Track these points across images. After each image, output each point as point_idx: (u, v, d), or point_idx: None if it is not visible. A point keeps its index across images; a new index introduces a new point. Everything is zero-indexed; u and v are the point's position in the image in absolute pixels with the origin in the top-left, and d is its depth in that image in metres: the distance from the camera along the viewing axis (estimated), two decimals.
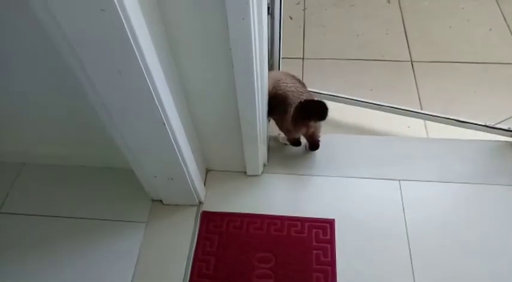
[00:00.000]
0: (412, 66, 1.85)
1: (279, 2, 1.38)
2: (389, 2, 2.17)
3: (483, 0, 2.14)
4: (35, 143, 1.40)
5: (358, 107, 1.61)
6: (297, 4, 2.18)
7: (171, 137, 0.97)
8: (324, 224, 1.26)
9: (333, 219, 1.27)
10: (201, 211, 1.32)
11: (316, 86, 1.64)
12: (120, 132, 0.98)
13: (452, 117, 1.51)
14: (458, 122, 1.50)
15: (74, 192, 1.40)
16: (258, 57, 0.93)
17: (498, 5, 2.10)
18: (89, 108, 0.97)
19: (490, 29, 1.99)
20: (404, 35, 2.00)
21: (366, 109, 1.60)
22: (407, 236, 1.24)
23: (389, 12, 2.12)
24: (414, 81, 1.78)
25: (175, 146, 1.01)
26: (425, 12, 2.11)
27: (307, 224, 1.26)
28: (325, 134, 1.55)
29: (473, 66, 1.83)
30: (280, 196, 1.36)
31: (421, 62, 1.87)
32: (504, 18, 2.02)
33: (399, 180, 1.37)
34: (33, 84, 1.12)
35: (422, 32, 2.00)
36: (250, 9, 0.78)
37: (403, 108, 1.57)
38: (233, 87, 1.00)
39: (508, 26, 1.99)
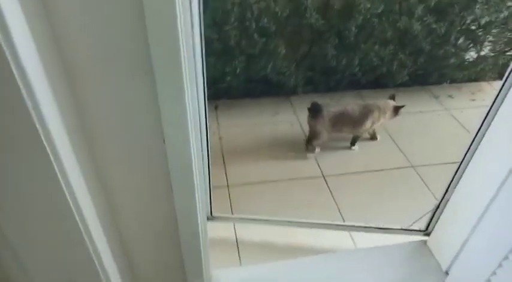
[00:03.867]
0: (326, 181, 2.05)
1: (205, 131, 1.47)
2: (292, 125, 2.47)
3: None
4: None
5: (287, 228, 1.69)
6: (213, 135, 2.34)
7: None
8: None
9: None
10: None
11: (246, 211, 1.70)
12: None
13: (372, 226, 1.66)
14: (379, 229, 1.65)
15: None
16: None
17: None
18: None
19: (377, 140, 2.36)
20: (311, 152, 2.24)
21: (294, 229, 1.68)
22: None
23: (293, 134, 2.40)
24: (331, 195, 1.95)
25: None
26: None
27: None
28: (258, 264, 1.56)
29: (376, 174, 2.09)
30: None
31: (331, 175, 2.08)
32: (388, 133, 2.42)
33: None
34: None
35: (328, 147, 2.27)
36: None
37: (328, 223, 1.69)
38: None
39: (390, 136, 2.37)
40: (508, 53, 2.59)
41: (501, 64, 2.62)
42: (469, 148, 1.27)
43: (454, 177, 1.37)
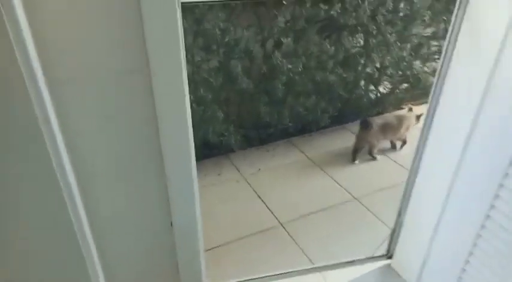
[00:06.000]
0: (284, 228, 2.14)
1: None
2: (238, 182, 2.55)
3: (307, 166, 2.77)
4: None
5: None
6: None
7: None
8: None
9: None
10: None
11: (216, 277, 1.70)
12: None
13: (340, 262, 1.78)
14: (347, 263, 1.78)
15: None
16: None
17: (316, 164, 2.74)
18: None
19: (318, 181, 2.55)
20: (263, 204, 2.34)
21: None
22: None
23: (241, 189, 2.48)
24: (293, 241, 2.04)
25: None
26: (270, 181, 2.55)
27: None
28: None
29: (326, 212, 2.25)
30: None
31: (287, 222, 2.18)
32: (325, 172, 2.64)
33: None
34: None
35: (275, 196, 2.39)
36: None
37: (300, 269, 1.77)
38: None
39: (326, 172, 2.59)
40: (401, 87, 3.08)
41: (400, 97, 3.08)
42: (410, 171, 1.49)
43: (403, 199, 1.57)
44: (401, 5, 2.64)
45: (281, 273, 1.74)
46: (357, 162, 2.71)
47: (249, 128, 2.65)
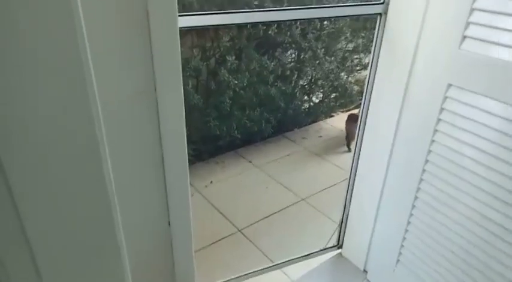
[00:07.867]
0: (243, 233, 2.28)
1: None
2: (192, 195, 2.64)
3: (255, 174, 2.95)
4: None
5: None
6: None
7: None
8: None
9: None
10: None
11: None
12: None
13: (298, 256, 1.97)
14: (304, 257, 1.97)
15: None
16: None
17: (264, 171, 2.93)
18: None
19: (267, 187, 2.74)
20: (220, 213, 2.46)
21: None
22: None
23: (197, 202, 2.57)
24: (252, 243, 2.19)
25: None
26: (223, 191, 2.68)
27: None
28: None
29: (279, 215, 2.44)
30: None
31: (245, 228, 2.33)
32: (272, 178, 2.83)
33: None
34: None
35: (230, 205, 2.52)
36: None
37: (262, 268, 1.92)
38: None
39: (274, 179, 2.79)
40: (331, 97, 3.42)
41: (330, 106, 3.42)
42: (351, 168, 1.73)
43: (347, 194, 1.80)
44: (326, 23, 2.98)
45: (244, 274, 1.87)
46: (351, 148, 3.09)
47: (199, 142, 2.76)
